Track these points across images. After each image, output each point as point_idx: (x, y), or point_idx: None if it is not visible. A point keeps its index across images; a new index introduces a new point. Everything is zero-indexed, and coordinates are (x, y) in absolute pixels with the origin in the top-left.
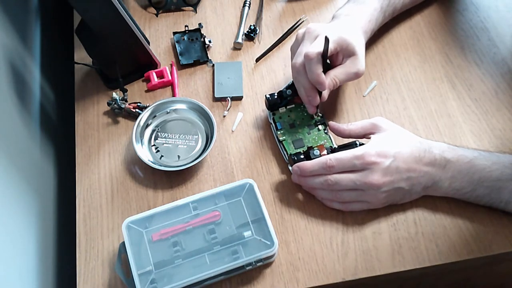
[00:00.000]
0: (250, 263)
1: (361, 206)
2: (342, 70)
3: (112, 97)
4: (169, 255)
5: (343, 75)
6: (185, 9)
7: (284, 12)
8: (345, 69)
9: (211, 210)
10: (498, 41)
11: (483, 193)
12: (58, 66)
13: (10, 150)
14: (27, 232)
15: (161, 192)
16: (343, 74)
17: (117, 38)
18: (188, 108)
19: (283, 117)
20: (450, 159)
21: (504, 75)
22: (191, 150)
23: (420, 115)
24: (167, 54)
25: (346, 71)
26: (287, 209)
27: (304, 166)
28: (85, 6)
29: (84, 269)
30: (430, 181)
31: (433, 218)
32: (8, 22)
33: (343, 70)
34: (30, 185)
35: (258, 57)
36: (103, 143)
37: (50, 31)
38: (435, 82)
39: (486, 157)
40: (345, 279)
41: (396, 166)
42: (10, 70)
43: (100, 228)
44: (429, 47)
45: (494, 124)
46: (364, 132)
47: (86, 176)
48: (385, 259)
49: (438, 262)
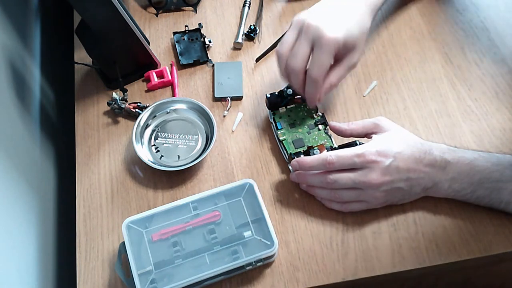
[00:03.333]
0: (250, 263)
1: (360, 206)
2: (338, 73)
3: (112, 97)
4: (169, 255)
5: (339, 77)
6: (185, 9)
7: (284, 12)
8: (340, 70)
9: (211, 210)
10: (498, 41)
11: (483, 194)
12: (58, 66)
13: (10, 150)
14: (27, 232)
15: (161, 192)
16: (339, 76)
17: (117, 38)
18: (188, 108)
19: (283, 116)
20: (450, 161)
21: (504, 75)
22: (191, 150)
23: (420, 115)
24: (167, 54)
25: (341, 73)
26: (287, 209)
27: (303, 161)
28: (85, 6)
29: (84, 269)
30: (430, 182)
31: (433, 218)
32: (8, 22)
33: (339, 72)
34: (30, 185)
35: (258, 57)
36: (103, 143)
37: (50, 31)
38: (435, 82)
39: (486, 159)
40: (345, 279)
41: (396, 166)
42: (10, 70)
43: (100, 228)
44: (429, 47)
45: (494, 124)
46: (365, 132)
47: (86, 176)
48: (385, 259)
49: (438, 262)
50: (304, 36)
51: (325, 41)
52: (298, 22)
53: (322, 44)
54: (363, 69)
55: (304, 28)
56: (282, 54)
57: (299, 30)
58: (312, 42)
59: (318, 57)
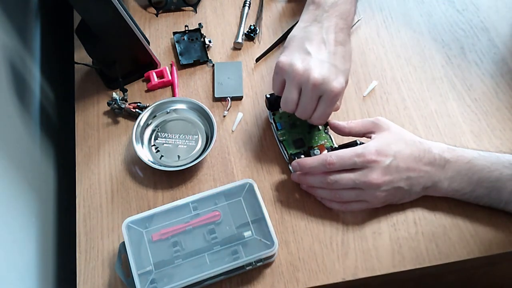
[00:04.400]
0: (250, 263)
1: (360, 206)
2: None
3: (112, 97)
4: (169, 255)
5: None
6: (185, 9)
7: (284, 12)
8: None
9: (211, 210)
10: (498, 41)
11: (482, 193)
12: (58, 66)
13: (10, 150)
14: (27, 232)
15: (161, 192)
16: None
17: (117, 38)
18: (188, 108)
19: (283, 117)
20: (449, 159)
21: (504, 75)
22: (191, 150)
23: (420, 115)
24: (167, 54)
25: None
26: (287, 209)
27: (304, 162)
28: (85, 6)
29: (84, 269)
30: (430, 181)
31: (433, 218)
32: (8, 22)
33: (335, 107)
34: (30, 185)
35: (258, 57)
36: (103, 143)
37: (50, 31)
38: (435, 82)
39: (485, 158)
40: (345, 279)
41: (396, 165)
42: (10, 70)
43: (100, 228)
44: (429, 47)
45: (494, 124)
46: (364, 131)
47: (86, 176)
48: (385, 259)
49: (438, 262)
50: (312, 93)
51: (333, 95)
52: (296, 74)
53: (330, 98)
54: (363, 69)
55: (310, 85)
56: (291, 111)
57: (300, 85)
58: (319, 95)
59: (324, 109)
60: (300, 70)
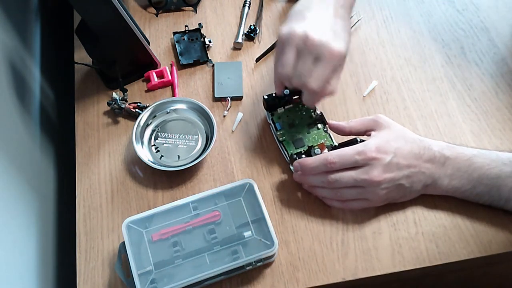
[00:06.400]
0: (250, 263)
1: (361, 204)
2: (336, 81)
3: (112, 97)
4: (169, 255)
5: (337, 84)
6: (185, 9)
7: (284, 12)
8: (338, 78)
9: (211, 210)
10: (498, 41)
11: (482, 191)
12: (58, 66)
13: (10, 150)
14: (27, 232)
15: (161, 192)
16: (337, 84)
17: (117, 38)
18: (188, 108)
19: (282, 117)
20: (449, 156)
21: (504, 75)
22: (191, 150)
23: (420, 115)
24: (167, 54)
25: (338, 81)
26: (287, 209)
27: (305, 162)
28: (85, 6)
29: (84, 269)
30: (430, 178)
31: (433, 218)
32: (8, 22)
33: (337, 81)
34: (30, 185)
35: (258, 57)
36: (103, 143)
37: (50, 31)
38: (435, 82)
39: (485, 155)
40: (345, 279)
41: (396, 162)
42: (10, 70)
43: (100, 228)
44: (429, 47)
45: (494, 124)
46: (364, 129)
47: (86, 176)
48: (385, 259)
49: (438, 262)
50: (308, 53)
51: (331, 56)
52: (294, 37)
53: (328, 59)
54: (363, 69)
55: (308, 45)
56: (287, 75)
57: (298, 47)
58: (316, 57)
59: (322, 71)
60: (298, 32)
